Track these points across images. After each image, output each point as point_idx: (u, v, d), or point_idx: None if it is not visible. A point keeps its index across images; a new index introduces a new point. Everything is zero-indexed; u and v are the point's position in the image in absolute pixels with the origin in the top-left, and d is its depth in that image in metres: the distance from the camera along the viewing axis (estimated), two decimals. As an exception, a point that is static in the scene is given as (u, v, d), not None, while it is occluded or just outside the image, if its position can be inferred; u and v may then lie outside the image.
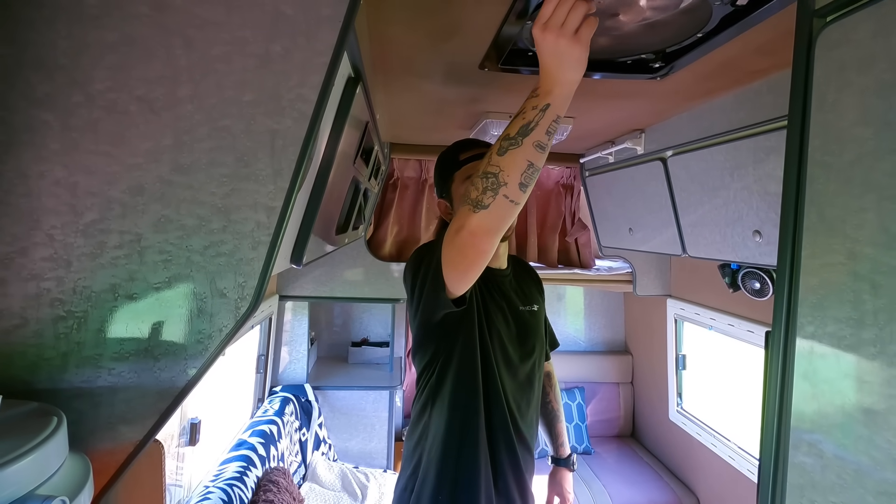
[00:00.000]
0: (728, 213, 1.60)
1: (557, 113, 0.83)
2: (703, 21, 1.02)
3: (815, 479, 0.63)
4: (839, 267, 0.60)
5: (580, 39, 0.79)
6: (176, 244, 0.69)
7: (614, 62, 1.25)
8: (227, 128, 0.68)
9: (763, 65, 1.23)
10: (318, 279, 2.76)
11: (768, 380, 0.69)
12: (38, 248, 0.65)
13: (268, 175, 0.69)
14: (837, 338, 0.60)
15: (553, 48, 0.80)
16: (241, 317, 0.71)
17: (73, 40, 0.63)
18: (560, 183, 3.02)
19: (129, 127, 0.66)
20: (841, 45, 0.61)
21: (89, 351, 0.68)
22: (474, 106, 1.67)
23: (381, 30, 1.07)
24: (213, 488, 1.72)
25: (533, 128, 0.82)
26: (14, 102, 0.62)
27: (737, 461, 2.40)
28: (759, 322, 2.18)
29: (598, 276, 2.96)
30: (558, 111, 0.83)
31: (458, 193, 1.21)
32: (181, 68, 0.65)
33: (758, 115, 1.36)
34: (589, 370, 3.46)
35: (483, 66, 1.25)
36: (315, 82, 0.68)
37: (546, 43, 0.80)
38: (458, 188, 1.22)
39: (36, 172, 0.64)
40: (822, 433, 0.62)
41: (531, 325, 1.33)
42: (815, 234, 0.64)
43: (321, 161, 1.05)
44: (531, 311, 1.35)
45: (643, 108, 1.66)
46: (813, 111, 0.64)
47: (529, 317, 1.33)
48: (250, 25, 0.66)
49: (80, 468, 0.58)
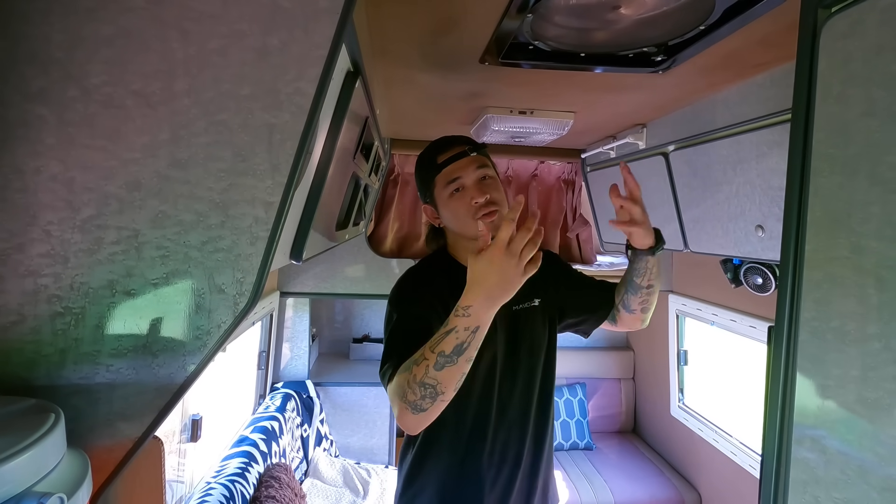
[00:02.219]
0: (730, 207, 1.59)
1: (483, 333, 0.89)
2: (705, 13, 1.01)
3: (819, 474, 0.62)
4: (844, 261, 0.59)
5: (525, 275, 0.88)
6: (173, 240, 0.68)
7: (616, 56, 1.24)
8: (225, 122, 0.67)
9: (766, 57, 1.21)
10: (318, 275, 2.76)
11: (771, 375, 0.69)
12: (35, 244, 0.65)
13: (266, 170, 0.69)
14: (842, 332, 0.59)
15: (504, 272, 0.86)
16: (239, 312, 0.70)
17: (67, 34, 0.62)
18: (561, 178, 3.00)
19: (126, 121, 0.65)
20: (846, 35, 0.60)
21: (87, 347, 0.67)
22: (475, 101, 1.66)
23: (380, 24, 1.06)
24: (214, 484, 1.73)
25: (466, 348, 0.88)
26: (8, 97, 0.62)
27: (739, 457, 2.40)
28: (762, 317, 2.17)
29: (599, 272, 2.95)
30: (483, 332, 0.89)
31: (442, 198, 1.17)
32: (177, 62, 0.65)
33: (761, 108, 1.35)
34: (590, 366, 3.46)
35: (483, 60, 1.24)
36: (313, 76, 0.67)
37: (500, 265, 0.86)
38: (442, 192, 1.16)
39: (32, 168, 0.64)
40: (825, 428, 0.62)
41: (526, 324, 1.25)
42: (819, 228, 0.63)
43: (320, 156, 1.05)
44: (527, 307, 1.26)
45: (645, 103, 1.65)
46: (817, 103, 0.63)
47: (525, 315, 1.25)
48: (247, 18, 0.65)
49: (78, 465, 0.58)
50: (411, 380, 0.91)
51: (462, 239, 1.21)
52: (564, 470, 2.91)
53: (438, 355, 0.89)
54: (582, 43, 1.17)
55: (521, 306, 1.25)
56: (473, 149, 1.17)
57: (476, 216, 1.11)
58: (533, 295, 1.27)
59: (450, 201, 1.15)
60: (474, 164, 1.15)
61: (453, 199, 1.14)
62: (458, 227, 1.17)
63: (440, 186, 1.16)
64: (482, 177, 1.15)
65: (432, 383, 0.89)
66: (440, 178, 1.16)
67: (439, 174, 1.16)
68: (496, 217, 1.12)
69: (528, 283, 0.88)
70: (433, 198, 1.19)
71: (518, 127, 1.81)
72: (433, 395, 0.90)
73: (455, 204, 1.14)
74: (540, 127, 1.81)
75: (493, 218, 1.11)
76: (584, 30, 1.12)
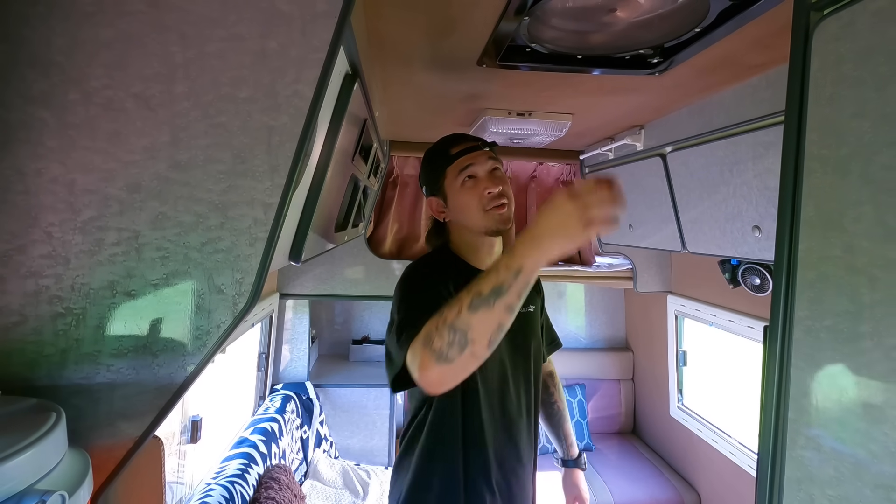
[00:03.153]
0: (728, 208, 1.60)
1: (527, 280, 0.80)
2: (700, 15, 1.02)
3: (813, 472, 0.63)
4: (836, 260, 0.60)
5: (589, 230, 0.76)
6: (173, 241, 0.69)
7: (612, 58, 1.24)
8: (224, 124, 0.68)
9: (761, 59, 1.22)
10: (318, 277, 2.76)
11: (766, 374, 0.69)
12: (37, 245, 0.66)
13: (264, 171, 0.69)
14: (835, 331, 0.60)
15: (564, 219, 0.76)
16: (238, 313, 0.71)
17: (68, 37, 0.63)
18: (560, 180, 3.01)
19: (126, 124, 0.66)
20: (838, 38, 0.61)
21: (88, 348, 0.68)
22: (473, 103, 1.66)
23: (378, 26, 1.07)
24: (214, 486, 1.73)
25: (506, 290, 0.79)
26: (9, 99, 0.63)
27: (738, 457, 2.40)
28: (760, 318, 2.17)
29: (598, 273, 2.96)
30: (528, 278, 0.79)
31: (453, 189, 1.17)
32: (177, 65, 0.65)
33: (756, 110, 1.36)
34: (590, 367, 3.46)
35: (481, 62, 1.25)
36: (311, 78, 0.68)
37: (562, 210, 0.77)
38: (453, 183, 1.16)
39: (33, 170, 0.64)
40: (819, 427, 0.62)
41: (527, 327, 1.27)
42: (812, 228, 0.64)
43: (319, 158, 1.05)
44: (527, 312, 1.27)
45: (642, 104, 1.66)
46: (810, 105, 0.64)
47: (525, 319, 1.27)
48: (245, 21, 0.65)
49: (79, 463, 0.58)
50: (440, 323, 0.82)
51: (467, 234, 1.21)
52: (564, 471, 2.91)
53: (474, 296, 0.80)
54: (579, 45, 1.18)
55: (523, 310, 1.24)
56: (485, 144, 1.20)
57: (487, 207, 1.12)
58: (529, 301, 1.27)
59: (461, 190, 1.15)
60: (486, 157, 1.16)
61: (465, 189, 1.15)
62: (467, 219, 1.17)
63: (451, 177, 1.17)
64: (493, 168, 1.16)
65: (463, 328, 0.80)
66: (452, 169, 1.17)
67: (451, 165, 1.17)
68: (505, 210, 1.13)
69: None
70: (443, 188, 1.19)
71: (516, 129, 1.82)
72: (462, 344, 0.79)
73: (467, 194, 1.15)
74: (538, 128, 1.82)
75: (503, 210, 1.13)
76: (580, 32, 1.12)
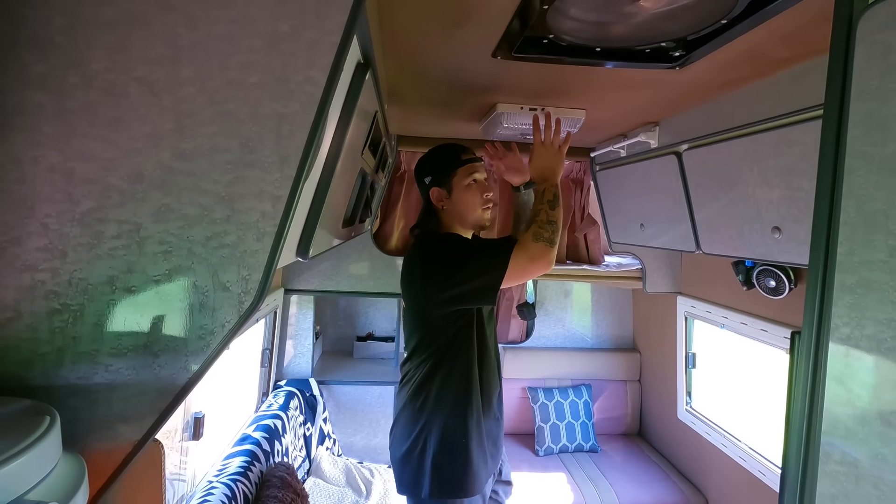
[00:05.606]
0: (746, 208, 1.56)
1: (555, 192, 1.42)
2: (728, 6, 0.98)
3: (849, 489, 0.59)
4: (880, 265, 0.56)
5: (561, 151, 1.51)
6: (177, 234, 0.66)
7: (632, 51, 1.20)
8: (232, 112, 0.64)
9: (787, 54, 1.18)
10: (323, 273, 2.74)
11: (794, 383, 0.66)
12: (33, 237, 0.62)
13: (274, 162, 0.66)
14: (877, 340, 0.57)
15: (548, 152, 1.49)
16: (244, 311, 0.68)
17: (69, 17, 0.59)
18: (569, 177, 2.97)
19: (128, 110, 0.62)
20: (886, 27, 0.57)
21: (86, 346, 0.65)
22: (485, 96, 1.63)
23: (391, 15, 1.03)
24: (216, 483, 1.71)
25: (557, 196, 1.40)
26: (6, 83, 0.59)
27: (748, 462, 2.36)
28: (775, 321, 2.13)
29: (607, 273, 2.91)
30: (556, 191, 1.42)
31: (460, 186, 1.51)
32: (183, 48, 0.62)
33: (781, 106, 1.31)
34: (596, 367, 3.42)
35: (496, 54, 1.21)
36: (324, 64, 0.64)
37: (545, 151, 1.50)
38: (461, 181, 1.51)
39: (30, 158, 0.61)
40: (857, 441, 0.59)
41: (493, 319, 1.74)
42: (852, 230, 0.60)
43: (328, 149, 1.02)
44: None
45: (659, 100, 1.62)
46: (853, 98, 0.60)
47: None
48: (256, 3, 0.62)
49: (74, 470, 0.55)
50: (539, 224, 1.33)
51: (457, 222, 1.55)
52: (569, 472, 2.88)
53: (548, 202, 1.38)
54: (598, 37, 1.14)
55: None
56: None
57: (483, 206, 1.53)
58: None
59: (467, 189, 1.51)
60: (484, 168, 1.57)
61: (470, 189, 1.52)
62: (466, 211, 1.52)
63: (461, 176, 1.51)
64: (486, 178, 1.57)
65: (556, 220, 1.36)
66: (463, 170, 1.51)
67: (462, 167, 1.51)
68: (491, 212, 1.57)
69: None
70: (451, 184, 1.51)
71: (528, 123, 1.78)
72: (556, 230, 1.34)
73: (472, 193, 1.52)
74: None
75: (490, 212, 1.57)
76: (601, 23, 1.09)
